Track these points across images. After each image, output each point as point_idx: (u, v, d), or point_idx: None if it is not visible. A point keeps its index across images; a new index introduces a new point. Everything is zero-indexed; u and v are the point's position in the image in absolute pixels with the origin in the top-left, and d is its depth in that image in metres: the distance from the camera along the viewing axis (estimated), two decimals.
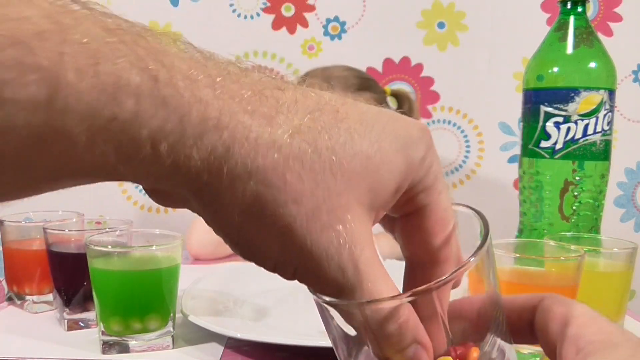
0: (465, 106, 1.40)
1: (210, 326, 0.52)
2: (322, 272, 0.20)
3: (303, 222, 0.19)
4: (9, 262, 0.65)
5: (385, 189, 0.21)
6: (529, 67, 0.68)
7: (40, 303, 0.63)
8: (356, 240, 0.20)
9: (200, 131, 0.18)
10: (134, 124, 0.17)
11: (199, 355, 0.51)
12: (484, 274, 0.23)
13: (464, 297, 0.24)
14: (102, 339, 0.51)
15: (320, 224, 0.19)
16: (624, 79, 1.37)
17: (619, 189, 1.40)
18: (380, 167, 0.20)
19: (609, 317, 0.23)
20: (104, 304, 0.51)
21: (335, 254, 0.20)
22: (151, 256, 0.54)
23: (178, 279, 0.54)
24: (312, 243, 0.19)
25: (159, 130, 0.17)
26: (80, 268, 0.54)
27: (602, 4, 1.36)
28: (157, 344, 0.52)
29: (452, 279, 0.21)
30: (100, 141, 0.17)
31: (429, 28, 1.38)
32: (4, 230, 0.65)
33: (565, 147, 0.65)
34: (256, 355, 0.51)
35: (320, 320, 0.25)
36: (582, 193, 0.65)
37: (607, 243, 0.58)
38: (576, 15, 0.66)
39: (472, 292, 0.24)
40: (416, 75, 1.39)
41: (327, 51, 1.38)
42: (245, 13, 1.37)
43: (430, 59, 1.38)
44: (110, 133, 0.17)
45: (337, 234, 0.20)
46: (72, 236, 0.59)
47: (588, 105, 0.64)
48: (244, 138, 0.18)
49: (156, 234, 0.57)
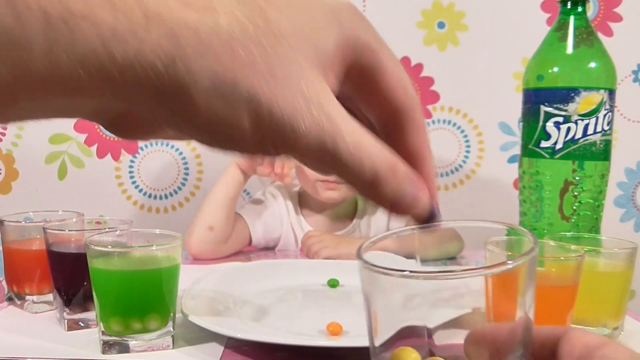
0: (465, 106, 1.40)
1: (210, 326, 0.52)
2: (300, 134, 0.21)
3: (265, 90, 0.20)
4: (9, 262, 0.65)
5: (326, 47, 0.22)
6: (529, 67, 0.68)
7: (40, 303, 0.63)
8: (320, 95, 0.21)
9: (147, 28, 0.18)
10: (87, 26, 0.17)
11: (199, 355, 0.51)
12: (522, 291, 0.24)
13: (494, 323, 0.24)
14: (102, 339, 0.51)
15: (281, 88, 0.20)
16: (624, 79, 1.37)
17: (619, 189, 1.40)
18: (316, 30, 0.22)
19: (609, 317, 0.23)
20: (104, 304, 0.51)
21: (306, 112, 0.21)
22: (151, 256, 0.54)
23: (178, 279, 0.54)
24: (281, 108, 0.20)
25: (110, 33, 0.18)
26: (80, 268, 0.54)
27: (602, 4, 1.36)
28: (157, 344, 0.52)
29: None
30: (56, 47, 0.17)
31: (429, 28, 1.38)
32: (4, 230, 0.65)
33: (565, 147, 0.65)
34: (256, 355, 0.51)
35: (320, 320, 0.25)
36: (582, 193, 0.65)
37: (607, 243, 0.58)
38: (576, 15, 0.66)
39: (495, 310, 0.24)
40: (416, 75, 1.39)
41: None
42: None
43: (430, 59, 1.38)
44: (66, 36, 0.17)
45: (301, 93, 0.20)
46: (72, 236, 0.59)
47: (588, 105, 0.64)
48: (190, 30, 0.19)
49: (156, 234, 0.57)
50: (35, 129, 1.37)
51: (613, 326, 0.54)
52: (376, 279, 0.24)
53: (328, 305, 0.67)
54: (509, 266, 0.23)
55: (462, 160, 1.41)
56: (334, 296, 0.70)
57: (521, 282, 0.23)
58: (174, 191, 1.40)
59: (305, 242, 0.90)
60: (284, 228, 1.05)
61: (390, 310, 0.25)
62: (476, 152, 1.41)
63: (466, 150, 1.41)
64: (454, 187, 1.42)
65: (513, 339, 0.24)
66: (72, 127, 1.37)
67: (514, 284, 0.23)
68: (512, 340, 0.24)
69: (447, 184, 1.42)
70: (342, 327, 0.54)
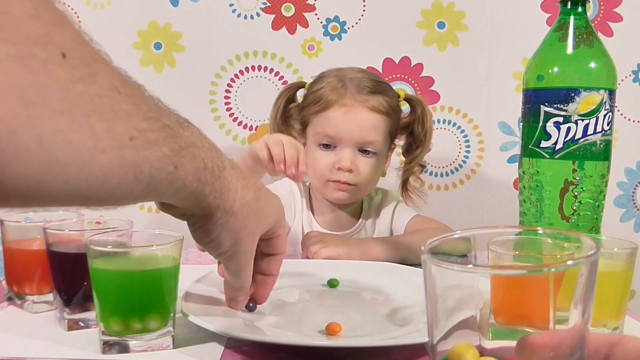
0: (465, 106, 1.40)
1: (210, 326, 0.52)
2: (244, 257, 0.52)
3: (244, 236, 0.49)
4: (9, 262, 0.65)
5: (268, 225, 0.53)
6: (529, 67, 0.68)
7: (40, 303, 0.63)
8: (254, 246, 0.52)
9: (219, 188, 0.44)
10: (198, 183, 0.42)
11: (199, 355, 0.51)
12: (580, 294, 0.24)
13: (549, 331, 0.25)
14: (102, 339, 0.51)
15: (250, 238, 0.50)
16: (624, 79, 1.37)
17: (619, 189, 1.40)
18: (269, 216, 0.53)
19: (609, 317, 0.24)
20: (104, 304, 0.51)
21: (251, 250, 0.52)
22: (151, 256, 0.54)
23: (178, 279, 0.54)
24: (245, 245, 0.50)
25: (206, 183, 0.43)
26: (80, 268, 0.53)
27: (602, 4, 1.36)
28: (157, 344, 0.52)
29: None
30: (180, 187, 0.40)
31: (429, 28, 1.38)
32: (4, 230, 0.65)
33: (565, 147, 0.65)
34: (256, 355, 0.51)
35: (320, 320, 0.26)
36: (582, 193, 0.65)
37: (607, 243, 0.58)
38: (576, 15, 0.66)
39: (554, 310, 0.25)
40: (416, 75, 1.39)
41: (327, 51, 1.38)
42: (245, 13, 1.37)
43: (430, 58, 1.39)
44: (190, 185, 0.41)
45: (253, 244, 0.52)
46: (72, 236, 0.59)
47: (588, 105, 0.64)
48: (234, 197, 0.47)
49: (156, 234, 0.57)
50: None
51: (613, 326, 0.54)
52: (442, 273, 0.25)
53: (328, 305, 0.67)
54: (569, 265, 0.24)
55: (462, 160, 1.41)
56: (334, 296, 0.70)
57: (580, 284, 0.24)
58: None
59: (304, 243, 0.90)
60: (295, 222, 1.06)
61: (451, 304, 0.27)
62: (476, 152, 1.41)
63: (466, 150, 1.41)
64: (454, 187, 1.42)
65: (571, 344, 0.24)
66: None
67: (571, 286, 0.24)
68: (569, 345, 0.24)
69: (447, 184, 1.42)
70: (341, 327, 0.54)
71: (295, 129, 1.06)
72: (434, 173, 1.42)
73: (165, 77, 1.36)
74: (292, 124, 1.06)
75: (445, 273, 0.25)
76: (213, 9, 1.36)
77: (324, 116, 0.98)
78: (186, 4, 1.36)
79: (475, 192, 1.41)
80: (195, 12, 1.36)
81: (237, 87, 1.38)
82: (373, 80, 1.01)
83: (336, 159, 0.98)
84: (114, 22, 1.35)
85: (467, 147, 1.41)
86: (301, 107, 1.04)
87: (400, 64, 1.39)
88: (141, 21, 1.36)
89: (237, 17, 1.37)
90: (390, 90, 1.03)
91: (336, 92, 0.98)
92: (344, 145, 0.98)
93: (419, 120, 1.05)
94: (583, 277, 0.24)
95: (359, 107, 0.97)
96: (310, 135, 1.02)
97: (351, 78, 0.99)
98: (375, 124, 0.98)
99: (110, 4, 1.35)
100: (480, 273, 0.25)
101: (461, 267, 0.24)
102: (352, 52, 1.35)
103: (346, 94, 0.97)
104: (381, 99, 0.99)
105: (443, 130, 1.41)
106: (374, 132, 0.98)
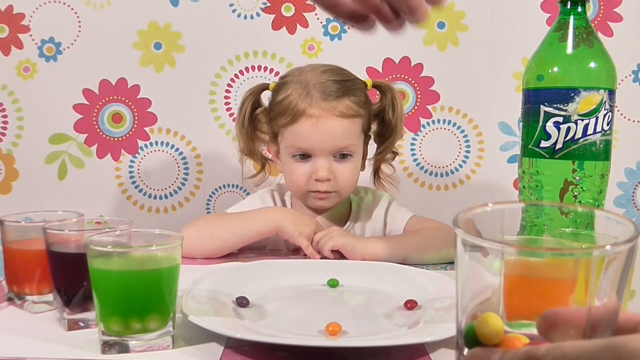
0: (465, 106, 1.40)
1: (210, 326, 0.52)
2: None
3: None
4: (9, 262, 0.65)
5: None
6: (529, 67, 0.68)
7: (40, 303, 0.63)
8: None
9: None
10: None
11: (199, 355, 0.51)
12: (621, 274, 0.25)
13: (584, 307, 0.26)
14: (102, 339, 0.51)
15: None
16: (624, 79, 1.37)
17: (619, 189, 1.40)
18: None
19: None
20: (104, 304, 0.51)
21: None
22: (151, 256, 0.54)
23: (178, 279, 0.54)
24: None
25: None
26: (80, 268, 0.54)
27: (602, 4, 1.36)
28: (157, 344, 0.52)
29: None
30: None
31: (429, 28, 1.38)
32: (4, 230, 0.65)
33: (565, 147, 0.65)
34: (256, 355, 0.51)
35: (320, 320, 0.27)
36: (582, 193, 0.65)
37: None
38: (576, 15, 0.66)
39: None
40: (416, 75, 1.39)
41: (327, 51, 1.38)
42: (245, 13, 1.37)
43: (430, 59, 1.38)
44: None
45: None
46: (72, 236, 0.59)
47: (588, 105, 0.64)
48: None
49: (156, 234, 0.57)
50: (35, 129, 1.37)
51: None
52: (472, 248, 0.26)
53: (328, 305, 0.67)
54: (607, 249, 0.24)
55: (462, 160, 1.41)
56: (334, 296, 0.70)
57: (617, 267, 0.25)
58: (174, 191, 1.40)
59: (315, 240, 0.91)
60: None
61: (478, 278, 0.28)
62: (476, 152, 1.41)
63: (466, 150, 1.41)
64: (453, 187, 1.42)
65: (607, 318, 0.25)
66: (72, 127, 1.37)
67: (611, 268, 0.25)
68: (605, 322, 0.25)
69: (447, 184, 1.42)
70: (341, 327, 0.54)
71: (264, 135, 1.02)
72: (433, 173, 1.42)
73: (165, 77, 1.36)
74: (261, 129, 1.02)
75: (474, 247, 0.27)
76: (213, 9, 1.36)
77: (292, 130, 0.94)
78: (186, 4, 1.36)
79: (475, 192, 1.41)
80: (195, 12, 1.36)
81: (237, 87, 1.38)
82: (337, 82, 0.95)
83: (312, 170, 0.95)
84: (114, 22, 1.35)
85: (467, 147, 1.41)
86: (269, 118, 1.00)
87: (400, 64, 1.39)
88: (141, 21, 1.36)
89: (237, 17, 1.37)
90: (357, 84, 0.98)
91: (302, 101, 0.93)
92: (318, 155, 0.95)
93: (390, 106, 1.01)
94: (622, 258, 0.25)
95: (327, 117, 0.92)
96: (283, 147, 0.98)
97: (314, 84, 0.94)
98: (347, 129, 0.94)
99: (110, 4, 1.35)
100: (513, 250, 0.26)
101: (489, 242, 0.26)
102: (352, 52, 1.35)
103: (312, 104, 0.93)
104: (348, 102, 0.94)
105: (443, 130, 1.41)
106: (347, 137, 0.94)
